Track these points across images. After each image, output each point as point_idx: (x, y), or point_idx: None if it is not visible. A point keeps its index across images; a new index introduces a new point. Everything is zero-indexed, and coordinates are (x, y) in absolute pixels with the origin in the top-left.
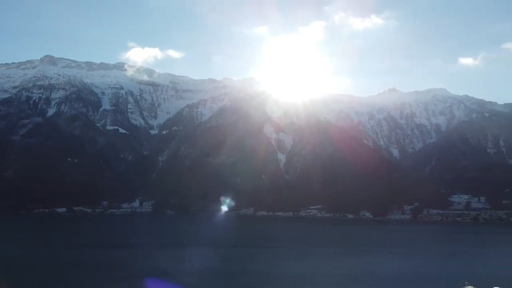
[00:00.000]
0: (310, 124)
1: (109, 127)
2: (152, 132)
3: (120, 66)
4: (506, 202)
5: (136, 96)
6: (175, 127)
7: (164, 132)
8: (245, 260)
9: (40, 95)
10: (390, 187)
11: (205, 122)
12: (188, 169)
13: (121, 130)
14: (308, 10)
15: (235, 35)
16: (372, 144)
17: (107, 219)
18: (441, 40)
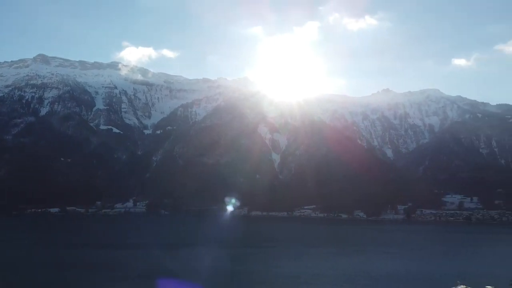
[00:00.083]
0: (305, 124)
1: (103, 127)
2: (146, 132)
3: (114, 66)
4: (498, 202)
5: (130, 96)
6: (169, 127)
7: (158, 132)
8: (241, 260)
9: (33, 94)
10: (384, 187)
11: (200, 122)
12: (182, 169)
13: (115, 130)
14: (303, 11)
15: (230, 35)
16: (366, 144)
17: (101, 219)
18: (435, 41)
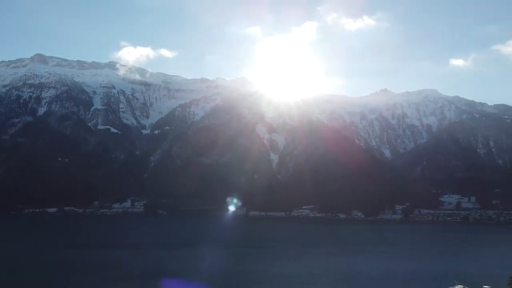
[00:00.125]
0: (303, 124)
1: (101, 127)
2: (144, 132)
3: (112, 65)
4: (496, 202)
5: (128, 96)
6: (167, 127)
7: (156, 132)
8: (239, 260)
9: (31, 94)
10: (382, 187)
11: (198, 122)
12: (180, 169)
13: (113, 130)
14: (301, 11)
15: (228, 35)
16: (364, 145)
17: (99, 220)
18: (432, 42)
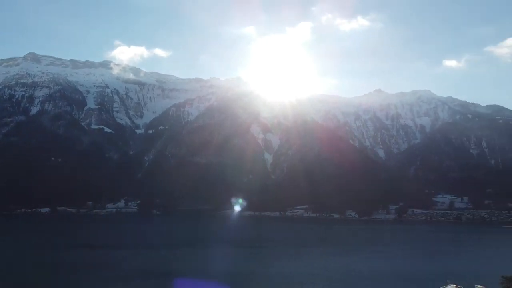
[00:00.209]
0: (297, 124)
1: (94, 126)
2: (138, 132)
3: (106, 65)
4: (488, 202)
5: (122, 95)
6: (162, 127)
7: (150, 132)
8: (234, 260)
9: (23, 93)
10: (376, 187)
11: (192, 122)
12: (175, 169)
13: (107, 129)
14: (295, 11)
15: (223, 35)
16: (358, 145)
17: (93, 220)
18: (426, 43)
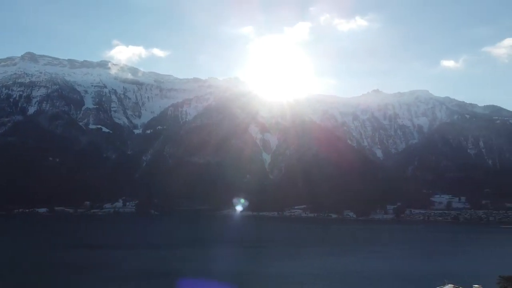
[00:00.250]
0: (295, 124)
1: (92, 126)
2: (136, 132)
3: (104, 64)
4: (486, 202)
5: (120, 95)
6: (160, 127)
7: (148, 132)
8: (235, 260)
9: (21, 93)
10: (374, 187)
11: (190, 122)
12: (173, 169)
13: (104, 129)
14: (293, 11)
15: (221, 35)
16: (356, 145)
17: (90, 220)
18: (424, 43)
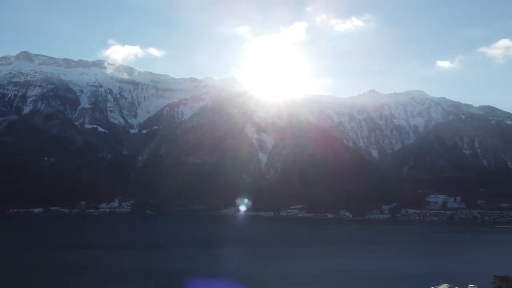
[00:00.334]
0: (292, 124)
1: (88, 126)
2: (132, 131)
3: (100, 64)
4: (481, 202)
5: (116, 95)
6: (156, 126)
7: (144, 131)
8: (227, 260)
9: (16, 92)
10: (369, 187)
11: (186, 122)
12: (168, 169)
13: (100, 129)
14: (290, 11)
15: (217, 35)
16: (352, 145)
17: (87, 220)
18: (420, 43)
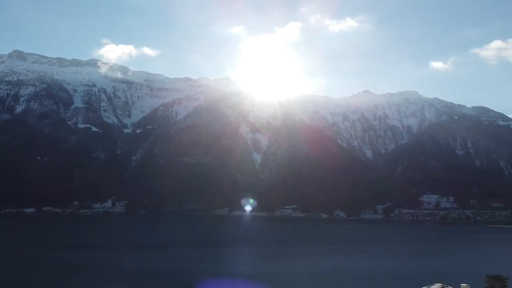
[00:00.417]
0: (286, 124)
1: (81, 125)
2: (126, 131)
3: (93, 63)
4: (473, 202)
5: (110, 94)
6: (150, 126)
7: (138, 131)
8: (224, 260)
9: (8, 91)
10: (363, 187)
11: (180, 121)
12: (163, 169)
13: (94, 129)
14: (284, 11)
15: (212, 34)
16: (346, 145)
17: (80, 220)
18: (413, 44)
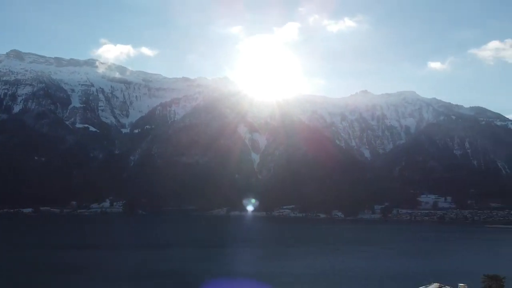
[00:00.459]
0: (284, 124)
1: (79, 125)
2: (124, 131)
3: (91, 63)
4: (471, 202)
5: (107, 94)
6: (148, 126)
7: (136, 131)
8: (223, 260)
9: (6, 91)
10: (361, 187)
11: (179, 121)
12: (161, 169)
13: (91, 129)
14: (283, 11)
15: (210, 34)
16: (344, 145)
17: (77, 220)
18: (411, 44)
